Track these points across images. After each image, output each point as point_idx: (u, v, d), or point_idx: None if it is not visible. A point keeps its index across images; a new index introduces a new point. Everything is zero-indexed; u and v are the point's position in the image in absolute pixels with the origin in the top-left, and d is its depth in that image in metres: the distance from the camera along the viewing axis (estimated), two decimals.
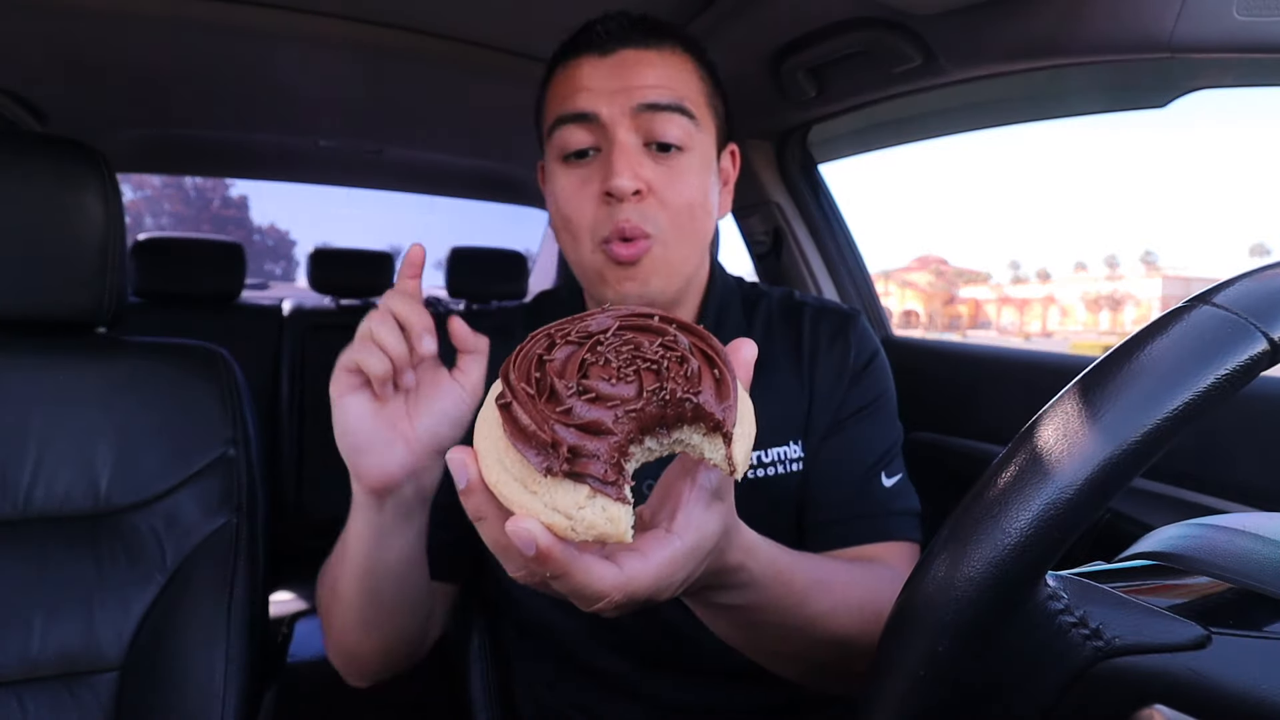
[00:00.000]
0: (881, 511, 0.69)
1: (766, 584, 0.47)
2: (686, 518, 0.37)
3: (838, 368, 0.74)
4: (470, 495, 0.34)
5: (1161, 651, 0.29)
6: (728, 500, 0.40)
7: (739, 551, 0.43)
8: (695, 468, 0.38)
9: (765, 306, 0.79)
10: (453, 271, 2.32)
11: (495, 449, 0.33)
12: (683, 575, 0.38)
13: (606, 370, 0.33)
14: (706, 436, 0.33)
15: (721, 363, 0.33)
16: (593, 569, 0.33)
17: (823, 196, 1.42)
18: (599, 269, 0.67)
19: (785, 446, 0.72)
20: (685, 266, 0.69)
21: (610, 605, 0.35)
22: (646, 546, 0.36)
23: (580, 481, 0.31)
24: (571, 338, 0.34)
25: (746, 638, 0.52)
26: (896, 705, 0.32)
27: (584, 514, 0.31)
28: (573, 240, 0.68)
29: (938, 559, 0.31)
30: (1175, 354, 0.29)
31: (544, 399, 0.32)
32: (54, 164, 0.77)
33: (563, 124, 0.66)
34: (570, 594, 0.34)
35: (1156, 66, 0.77)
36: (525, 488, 0.31)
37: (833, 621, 0.53)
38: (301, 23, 1.09)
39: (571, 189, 0.67)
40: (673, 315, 0.36)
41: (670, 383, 0.32)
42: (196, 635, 0.76)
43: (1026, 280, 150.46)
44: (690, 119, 0.66)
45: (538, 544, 0.30)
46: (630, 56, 0.66)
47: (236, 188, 68.63)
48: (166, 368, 0.84)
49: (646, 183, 0.64)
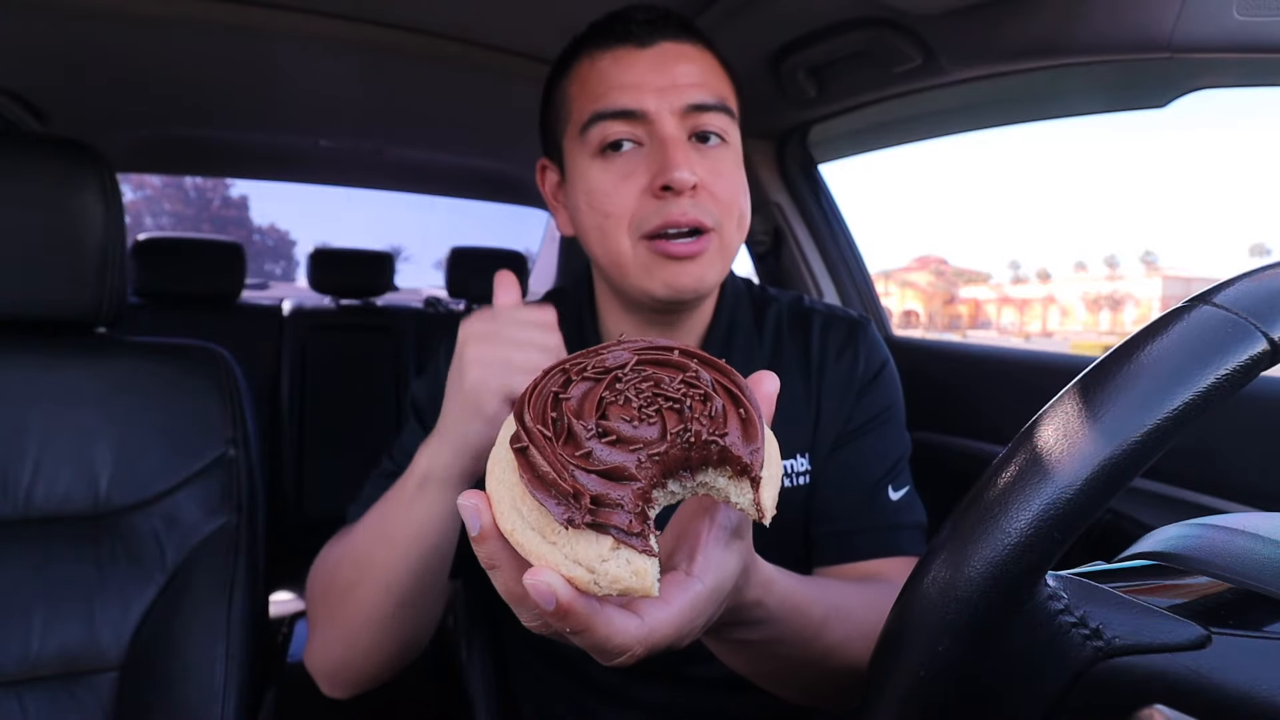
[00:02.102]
0: (887, 525, 0.68)
1: (784, 618, 0.45)
2: (706, 559, 0.36)
3: (846, 379, 0.73)
4: (484, 543, 0.32)
5: (1161, 651, 0.29)
6: (747, 538, 0.39)
7: (757, 588, 0.42)
8: (714, 506, 0.36)
9: (775, 313, 0.78)
10: (453, 271, 2.32)
11: (510, 494, 0.31)
12: (704, 620, 0.36)
13: (627, 410, 0.31)
14: (733, 480, 0.31)
15: (747, 401, 0.32)
16: (614, 623, 0.31)
17: (823, 196, 1.42)
18: (644, 265, 0.64)
19: (792, 460, 0.71)
20: (729, 263, 0.68)
21: (632, 659, 0.33)
22: (668, 593, 0.34)
23: (603, 532, 0.29)
24: (588, 374, 0.32)
25: (757, 668, 0.51)
26: (897, 705, 0.32)
27: (608, 567, 0.29)
28: (608, 235, 0.65)
29: (938, 559, 0.31)
30: (1175, 354, 0.29)
31: (562, 441, 0.30)
32: (54, 164, 0.77)
33: (602, 119, 0.63)
34: (589, 648, 0.32)
35: (1156, 66, 0.77)
36: (544, 538, 0.29)
37: (847, 650, 0.52)
38: (301, 23, 1.09)
39: (611, 182, 0.64)
40: (693, 349, 0.34)
41: (694, 423, 0.30)
42: (196, 635, 0.76)
43: (1026, 280, 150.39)
44: (731, 117, 0.66)
45: (559, 599, 0.29)
46: (670, 50, 0.64)
47: (236, 188, 68.62)
48: (166, 368, 0.84)
49: (699, 177, 0.63)
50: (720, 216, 0.64)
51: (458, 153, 1.91)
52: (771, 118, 1.27)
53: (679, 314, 0.71)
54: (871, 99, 1.09)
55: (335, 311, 2.27)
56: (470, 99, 1.44)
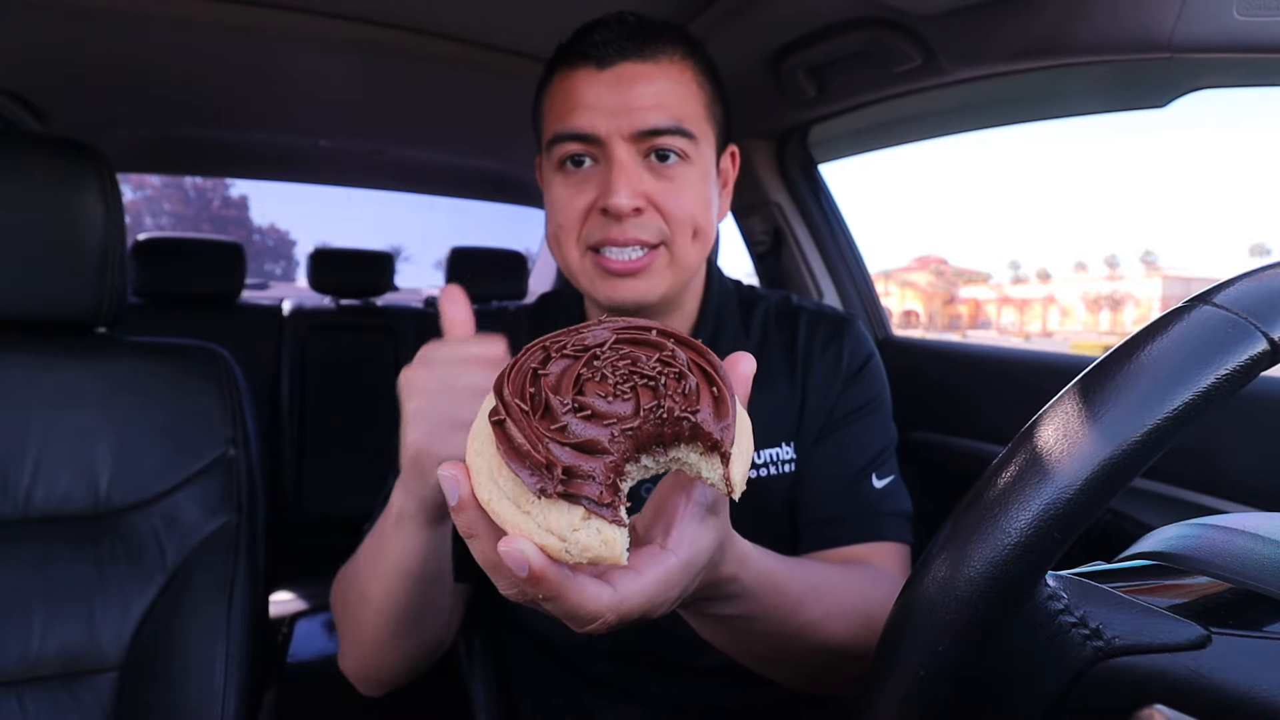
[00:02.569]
0: (870, 512, 0.69)
1: (760, 593, 0.47)
2: (681, 534, 0.37)
3: (831, 372, 0.74)
4: (462, 512, 0.33)
5: (1161, 651, 0.29)
6: (722, 514, 0.40)
7: (733, 563, 0.43)
8: (691, 483, 0.38)
9: (762, 310, 0.80)
10: (453, 271, 2.32)
11: (489, 466, 0.32)
12: (677, 592, 0.38)
13: (603, 386, 0.32)
14: (704, 456, 0.32)
15: (720, 379, 0.33)
16: (586, 590, 0.33)
17: (823, 196, 1.42)
18: (589, 275, 0.68)
19: (778, 448, 0.72)
20: (685, 274, 0.69)
21: (604, 626, 0.34)
22: (640, 564, 0.36)
23: (575, 502, 0.30)
24: (567, 351, 0.33)
25: (738, 644, 0.52)
26: (897, 705, 0.32)
27: (579, 536, 0.30)
28: (562, 244, 0.69)
29: (938, 559, 0.31)
30: (1175, 354, 0.29)
31: (539, 415, 0.31)
32: (54, 164, 0.77)
33: (561, 140, 0.66)
34: (562, 615, 0.34)
35: (1156, 66, 0.77)
36: (518, 507, 0.31)
37: (825, 628, 0.53)
38: (301, 23, 1.09)
39: (565, 197, 0.68)
40: (670, 329, 0.35)
41: (668, 400, 0.31)
42: (197, 635, 0.76)
43: (1026, 280, 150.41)
44: (689, 138, 0.66)
45: (530, 566, 0.30)
46: (629, 71, 0.65)
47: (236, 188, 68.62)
48: (166, 368, 0.84)
49: (646, 196, 0.65)
50: (671, 232, 0.66)
51: (458, 153, 1.92)
52: (771, 118, 1.27)
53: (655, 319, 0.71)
54: (871, 99, 1.09)
55: (335, 311, 2.27)
56: (470, 99, 1.44)
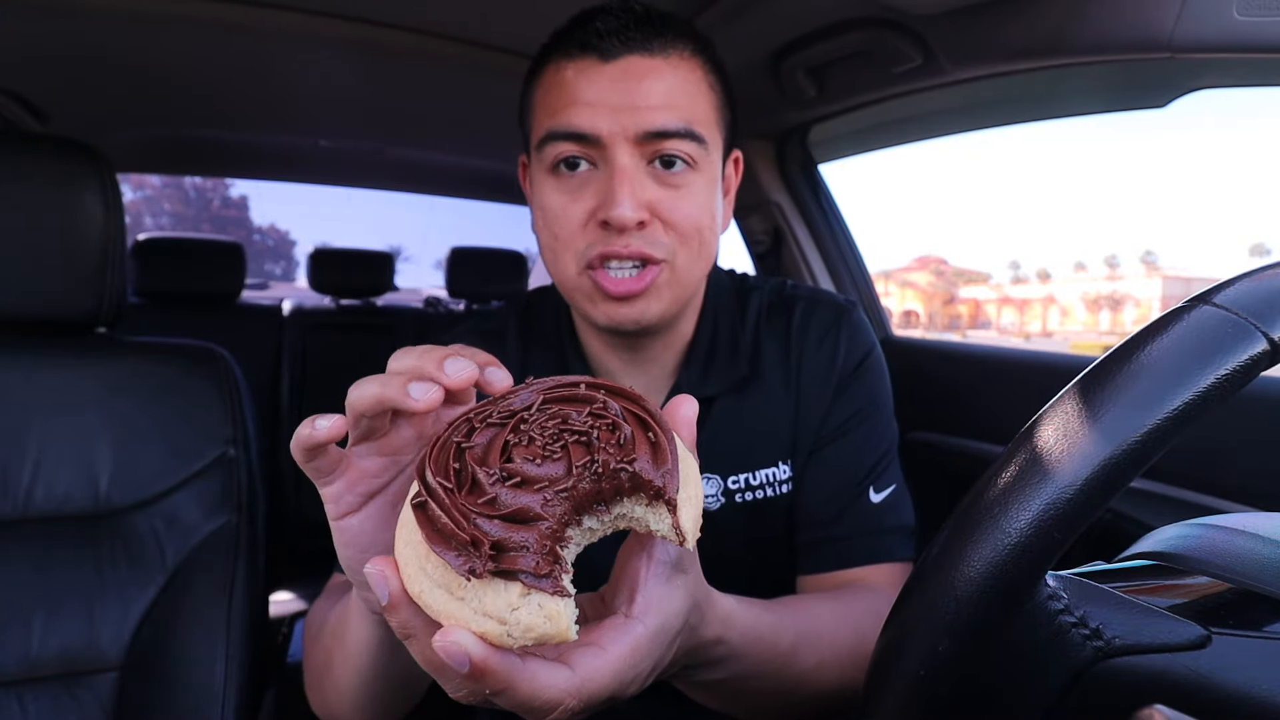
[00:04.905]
0: (868, 531, 0.65)
1: (749, 651, 0.43)
2: (646, 598, 0.34)
3: (825, 370, 0.69)
4: (394, 612, 0.29)
5: (1161, 651, 0.29)
6: (692, 571, 0.37)
7: (715, 624, 0.39)
8: (650, 541, 0.34)
9: (756, 304, 0.73)
10: (453, 271, 2.32)
11: (416, 555, 0.29)
12: (649, 664, 0.34)
13: (531, 450, 0.29)
14: (649, 507, 0.30)
15: (656, 425, 0.31)
16: (538, 677, 0.29)
17: (823, 196, 1.42)
18: (587, 295, 0.61)
19: (774, 468, 0.68)
20: (686, 291, 0.63)
21: (565, 713, 0.30)
22: (603, 638, 0.32)
23: (511, 579, 0.27)
24: (493, 419, 0.31)
25: (732, 704, 0.49)
26: (897, 706, 0.32)
27: (519, 615, 0.27)
28: (557, 257, 0.62)
29: (937, 559, 0.31)
30: (1175, 354, 0.29)
31: (464, 492, 0.28)
32: (54, 164, 0.77)
33: (556, 139, 0.59)
34: (517, 708, 0.30)
35: (1157, 66, 0.77)
36: (450, 594, 0.28)
37: (821, 676, 0.50)
38: (302, 23, 1.09)
39: (560, 205, 0.60)
40: (601, 380, 0.33)
41: (601, 454, 0.29)
42: (196, 635, 0.76)
43: (1026, 280, 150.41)
44: (700, 143, 0.59)
45: (471, 657, 0.26)
46: (635, 66, 0.58)
47: (236, 188, 68.58)
48: (166, 368, 0.83)
49: (649, 206, 0.58)
50: (675, 246, 0.60)
51: (458, 153, 1.91)
52: (771, 118, 1.27)
53: (650, 335, 0.67)
54: (871, 99, 1.09)
55: (335, 311, 2.27)
56: (470, 99, 1.44)
